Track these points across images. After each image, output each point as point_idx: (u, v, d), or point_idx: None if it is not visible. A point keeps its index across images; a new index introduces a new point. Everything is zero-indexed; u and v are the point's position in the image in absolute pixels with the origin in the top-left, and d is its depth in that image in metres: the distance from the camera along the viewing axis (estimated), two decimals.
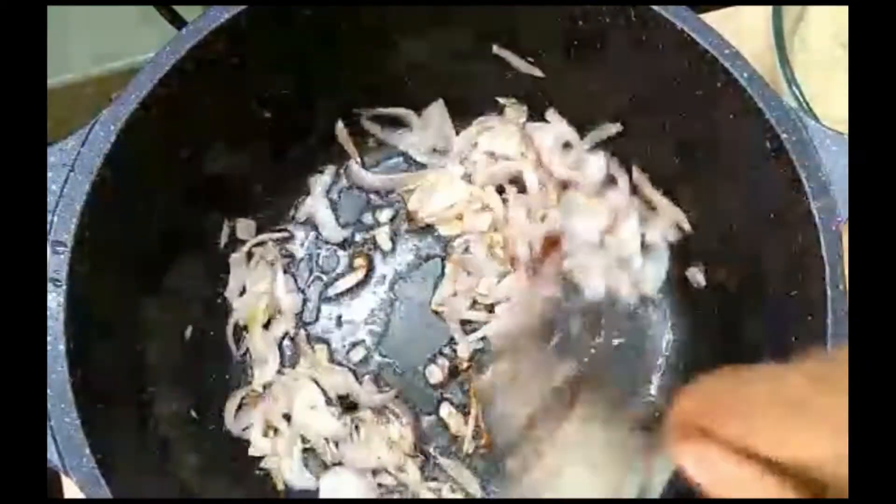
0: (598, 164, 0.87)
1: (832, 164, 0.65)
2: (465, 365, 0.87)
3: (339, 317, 0.89)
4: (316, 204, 0.91)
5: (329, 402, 0.86)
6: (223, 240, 0.86)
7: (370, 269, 0.90)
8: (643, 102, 0.78)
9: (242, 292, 0.87)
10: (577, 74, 0.80)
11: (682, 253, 0.86)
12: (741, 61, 0.67)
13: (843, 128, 0.65)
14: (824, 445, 0.39)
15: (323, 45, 0.78)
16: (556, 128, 0.88)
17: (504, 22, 0.78)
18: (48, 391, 0.62)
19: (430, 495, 0.84)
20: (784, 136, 0.65)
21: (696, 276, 0.85)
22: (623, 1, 0.69)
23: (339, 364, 0.87)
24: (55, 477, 0.62)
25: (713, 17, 0.94)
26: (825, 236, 0.64)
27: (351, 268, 0.90)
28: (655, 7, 0.68)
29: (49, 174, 0.65)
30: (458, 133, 0.90)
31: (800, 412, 0.40)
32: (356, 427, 0.85)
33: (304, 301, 0.89)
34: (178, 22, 1.01)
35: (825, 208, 0.64)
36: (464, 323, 0.88)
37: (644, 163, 0.86)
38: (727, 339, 0.81)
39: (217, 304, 0.87)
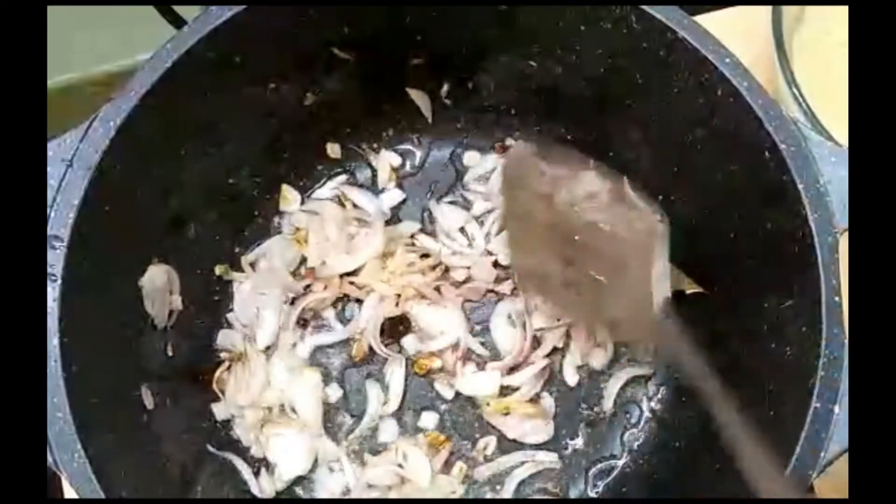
0: None
1: (830, 175, 0.65)
2: None
3: None
4: None
5: None
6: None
7: None
8: (641, 109, 0.79)
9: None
10: (579, 80, 0.81)
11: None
12: (741, 70, 0.67)
13: (842, 127, 0.65)
14: None
15: (322, 45, 0.79)
16: None
17: (503, 22, 0.78)
18: None
19: None
20: (783, 146, 0.66)
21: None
22: (625, 2, 0.70)
23: None
24: (55, 477, 0.62)
25: (713, 18, 0.94)
26: (821, 247, 0.64)
27: None
28: (656, 14, 0.68)
29: (47, 169, 0.65)
30: None
31: None
32: None
33: None
34: (178, 22, 1.01)
35: (821, 219, 0.64)
36: None
37: (642, 171, 0.86)
38: (721, 350, 0.81)
39: (214, 302, 0.87)
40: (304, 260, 0.90)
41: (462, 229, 0.92)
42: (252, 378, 0.85)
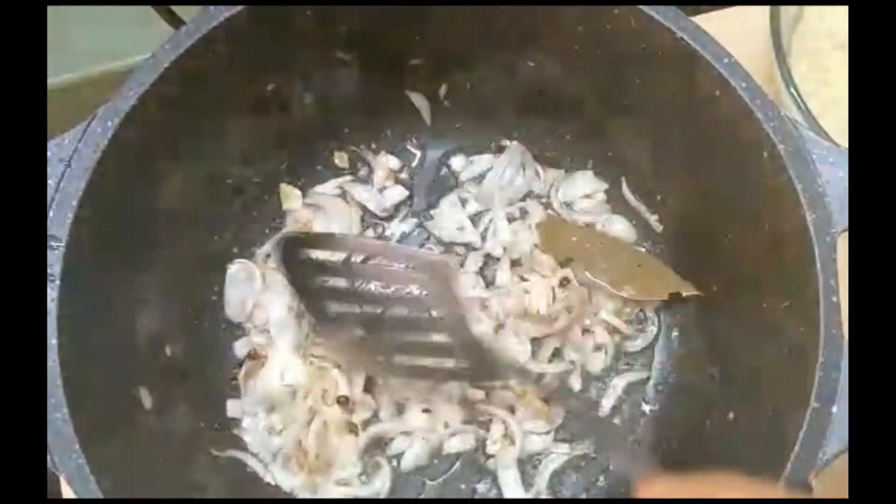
0: None
1: (829, 175, 0.65)
2: None
3: None
4: None
5: None
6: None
7: None
8: (640, 109, 0.79)
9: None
10: (577, 80, 0.81)
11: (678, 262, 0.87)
12: (739, 70, 0.67)
13: (841, 127, 0.65)
14: None
15: (321, 46, 0.78)
16: None
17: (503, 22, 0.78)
18: None
19: None
20: (781, 146, 0.66)
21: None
22: (625, 2, 0.70)
23: None
24: (55, 477, 0.62)
25: (712, 18, 0.94)
26: (819, 248, 0.64)
27: None
28: (655, 14, 0.68)
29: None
30: None
31: None
32: None
33: None
34: (176, 22, 1.01)
35: (820, 220, 0.64)
36: None
37: (641, 171, 0.86)
38: (720, 350, 0.82)
39: (212, 302, 0.87)
40: None
41: (459, 229, 0.92)
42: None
